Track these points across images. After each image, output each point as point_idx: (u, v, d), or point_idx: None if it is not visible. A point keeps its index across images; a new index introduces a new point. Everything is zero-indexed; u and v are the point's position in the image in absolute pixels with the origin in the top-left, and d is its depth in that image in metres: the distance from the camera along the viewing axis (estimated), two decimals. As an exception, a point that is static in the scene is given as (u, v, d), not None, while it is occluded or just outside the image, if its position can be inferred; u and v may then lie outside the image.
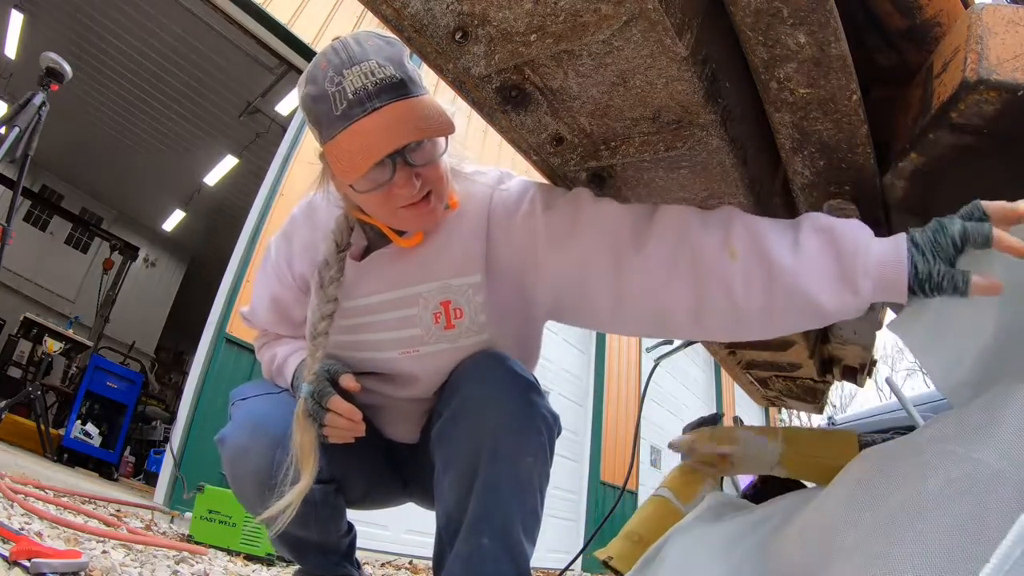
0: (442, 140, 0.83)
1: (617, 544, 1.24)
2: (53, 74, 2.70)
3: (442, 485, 0.92)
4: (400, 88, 0.76)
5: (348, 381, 0.90)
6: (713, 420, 1.23)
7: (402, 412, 1.05)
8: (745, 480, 1.36)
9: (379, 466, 1.08)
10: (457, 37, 0.59)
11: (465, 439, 0.88)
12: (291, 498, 0.86)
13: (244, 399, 1.04)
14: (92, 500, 2.62)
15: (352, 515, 1.28)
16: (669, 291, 0.79)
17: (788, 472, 1.07)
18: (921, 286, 0.64)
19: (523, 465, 0.87)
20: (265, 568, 2.21)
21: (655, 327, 0.86)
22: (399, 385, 1.00)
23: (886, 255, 0.66)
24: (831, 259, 0.68)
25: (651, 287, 0.80)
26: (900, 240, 0.66)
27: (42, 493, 2.26)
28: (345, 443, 0.92)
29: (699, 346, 1.22)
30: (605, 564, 1.22)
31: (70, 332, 5.87)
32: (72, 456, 4.30)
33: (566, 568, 1.98)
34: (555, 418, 0.92)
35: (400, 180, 0.79)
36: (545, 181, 0.97)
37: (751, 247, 0.73)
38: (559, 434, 0.94)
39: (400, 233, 0.92)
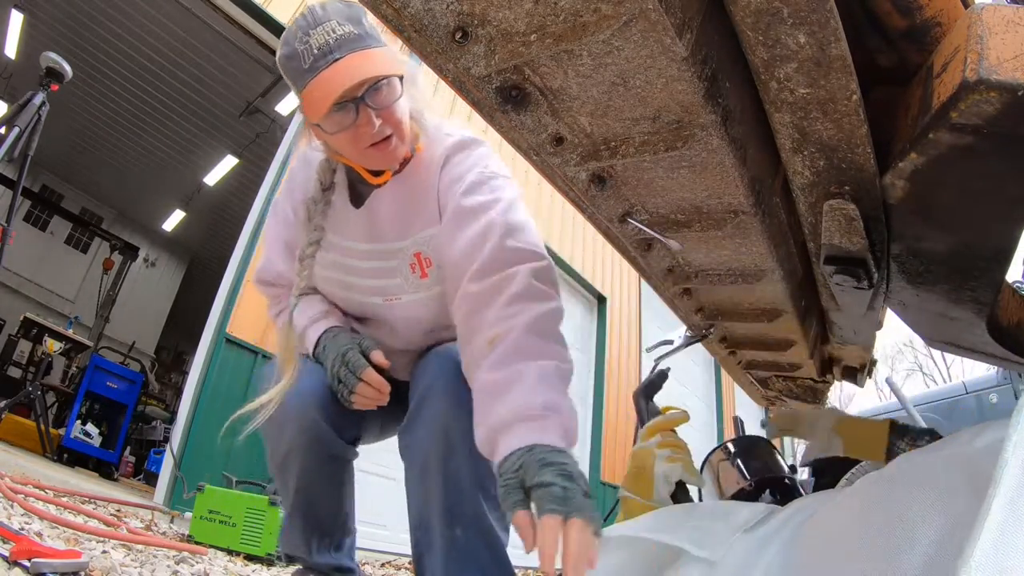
0: (397, 86, 0.96)
1: None
2: (53, 74, 2.70)
3: (410, 484, 1.00)
4: (357, 42, 0.92)
5: (379, 357, 1.00)
6: (661, 378, 1.15)
7: (394, 355, 1.12)
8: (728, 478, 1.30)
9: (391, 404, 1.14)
10: (457, 37, 0.59)
11: (423, 439, 0.97)
12: (272, 394, 1.01)
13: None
14: (92, 500, 2.62)
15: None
16: (469, 323, 0.91)
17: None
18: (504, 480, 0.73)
19: (478, 455, 0.89)
20: (265, 568, 2.22)
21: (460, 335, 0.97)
22: (385, 332, 1.12)
23: (510, 441, 0.76)
24: (501, 406, 0.79)
25: (463, 309, 0.93)
26: (529, 441, 0.75)
27: (42, 493, 2.26)
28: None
29: (699, 346, 1.21)
30: None
31: (70, 332, 5.87)
32: (72, 456, 4.30)
33: (566, 568, 1.97)
34: None
35: (363, 120, 0.92)
36: (496, 162, 1.07)
37: (500, 352, 0.84)
38: None
39: (375, 174, 1.04)
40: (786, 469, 1.27)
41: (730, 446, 1.24)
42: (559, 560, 0.70)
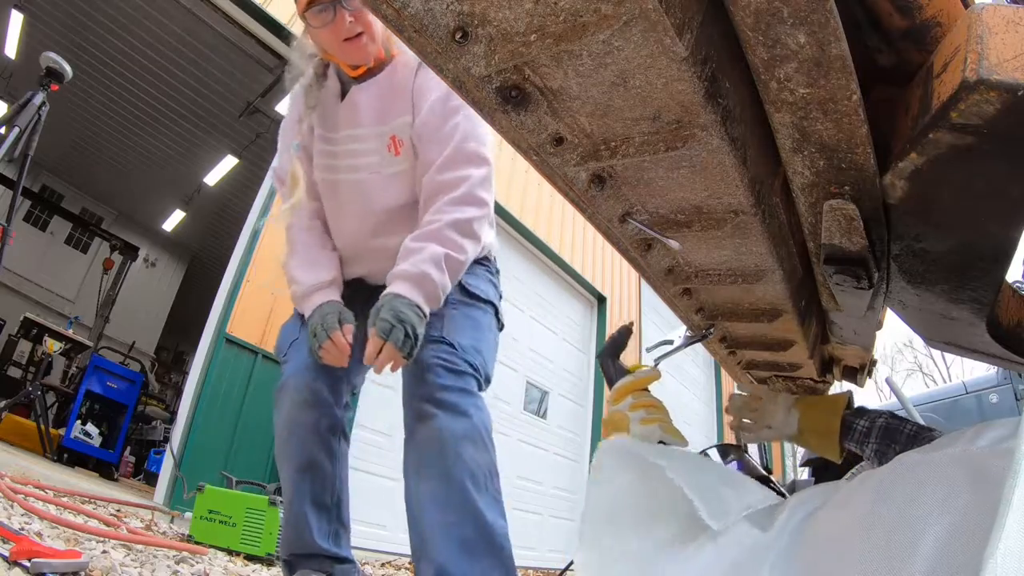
0: None
1: None
2: (53, 74, 2.70)
3: (407, 479, 1.18)
4: None
5: (348, 330, 1.26)
6: (624, 335, 1.06)
7: (373, 254, 1.40)
8: None
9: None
10: (457, 37, 0.59)
11: (419, 439, 1.17)
12: (291, 202, 1.33)
13: (286, 359, 1.38)
14: (92, 500, 2.62)
15: (352, 515, 1.30)
16: (425, 204, 1.29)
17: (801, 442, 1.15)
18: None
19: (467, 450, 1.14)
20: (265, 568, 2.22)
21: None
22: (368, 221, 1.37)
23: (392, 287, 1.18)
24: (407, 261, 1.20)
25: (425, 192, 1.29)
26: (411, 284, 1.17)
27: (42, 493, 2.26)
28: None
29: (699, 346, 1.21)
30: None
31: (70, 332, 5.87)
32: (72, 456, 4.30)
33: (566, 568, 1.98)
34: (479, 405, 1.23)
35: (338, 18, 1.22)
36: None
37: (423, 231, 1.23)
38: (488, 420, 1.23)
39: (353, 68, 1.34)
40: (762, 471, 1.28)
41: (708, 454, 1.26)
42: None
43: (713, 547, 0.67)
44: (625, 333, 1.05)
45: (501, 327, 1.51)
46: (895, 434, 1.03)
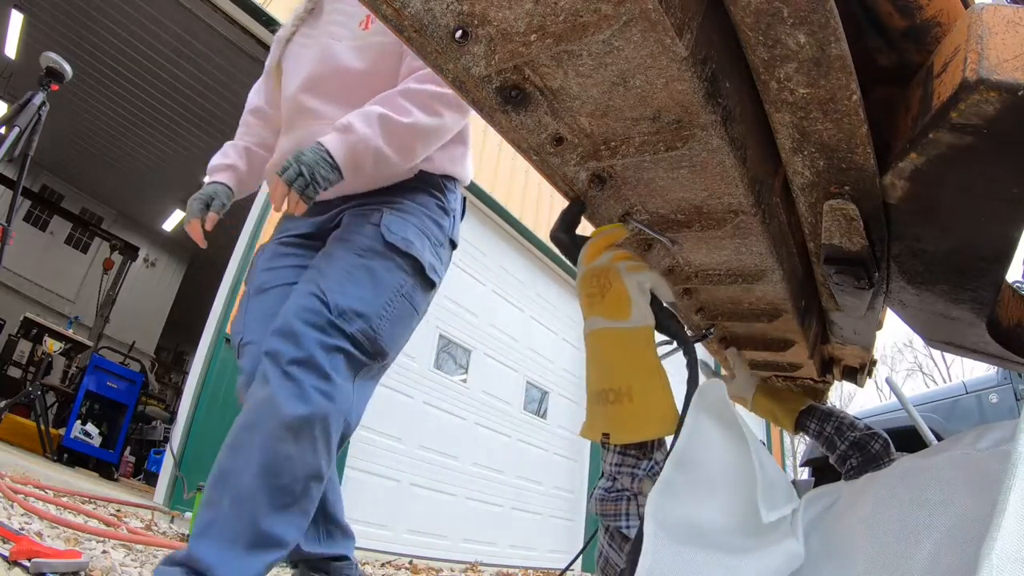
0: None
1: (601, 417, 0.77)
2: (53, 74, 2.70)
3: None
4: None
5: (210, 220, 1.34)
6: (576, 207, 0.86)
7: (304, 117, 1.39)
8: None
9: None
10: (457, 37, 0.59)
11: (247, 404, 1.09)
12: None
13: (241, 364, 1.32)
14: (92, 500, 2.62)
15: (351, 515, 1.30)
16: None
17: (756, 407, 1.34)
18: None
19: (270, 453, 1.01)
20: (265, 568, 2.21)
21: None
22: (319, 61, 1.39)
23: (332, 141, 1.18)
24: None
25: (401, 74, 1.32)
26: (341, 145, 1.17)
27: (42, 493, 2.26)
28: None
29: (699, 346, 1.21)
30: (603, 445, 0.78)
31: (70, 332, 5.88)
32: (72, 456, 4.30)
33: (566, 568, 1.98)
34: (329, 392, 1.07)
35: None
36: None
37: (377, 98, 1.25)
38: (337, 411, 1.08)
39: None
40: None
41: None
42: None
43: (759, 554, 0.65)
44: (576, 205, 0.87)
45: (431, 285, 1.28)
46: (851, 426, 1.20)
